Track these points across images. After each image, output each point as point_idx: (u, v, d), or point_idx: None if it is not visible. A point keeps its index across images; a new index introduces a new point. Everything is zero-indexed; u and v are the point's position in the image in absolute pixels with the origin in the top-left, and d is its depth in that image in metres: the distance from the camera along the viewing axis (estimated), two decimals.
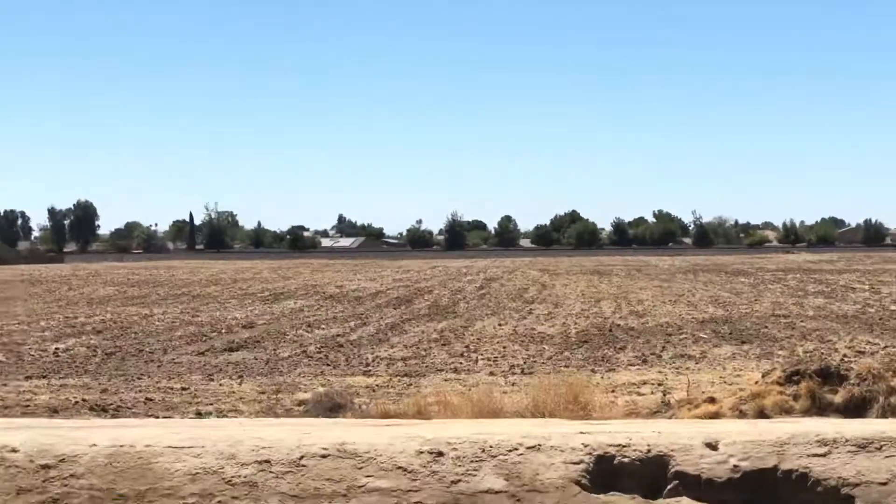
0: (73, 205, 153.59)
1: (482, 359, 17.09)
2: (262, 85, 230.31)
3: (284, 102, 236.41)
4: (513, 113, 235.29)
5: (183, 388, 14.06)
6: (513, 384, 13.95)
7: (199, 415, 11.58)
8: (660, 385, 13.34)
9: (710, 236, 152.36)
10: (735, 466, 3.51)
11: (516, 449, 3.53)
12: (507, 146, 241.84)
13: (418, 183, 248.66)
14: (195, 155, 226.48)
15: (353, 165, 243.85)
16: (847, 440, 3.54)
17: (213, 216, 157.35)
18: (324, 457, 3.51)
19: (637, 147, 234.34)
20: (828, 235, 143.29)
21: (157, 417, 11.04)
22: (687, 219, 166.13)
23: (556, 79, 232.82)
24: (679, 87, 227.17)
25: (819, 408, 9.53)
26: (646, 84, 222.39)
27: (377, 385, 14.15)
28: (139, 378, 15.19)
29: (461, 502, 3.34)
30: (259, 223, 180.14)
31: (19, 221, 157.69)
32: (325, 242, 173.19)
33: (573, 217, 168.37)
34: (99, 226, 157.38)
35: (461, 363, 16.62)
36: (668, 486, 3.51)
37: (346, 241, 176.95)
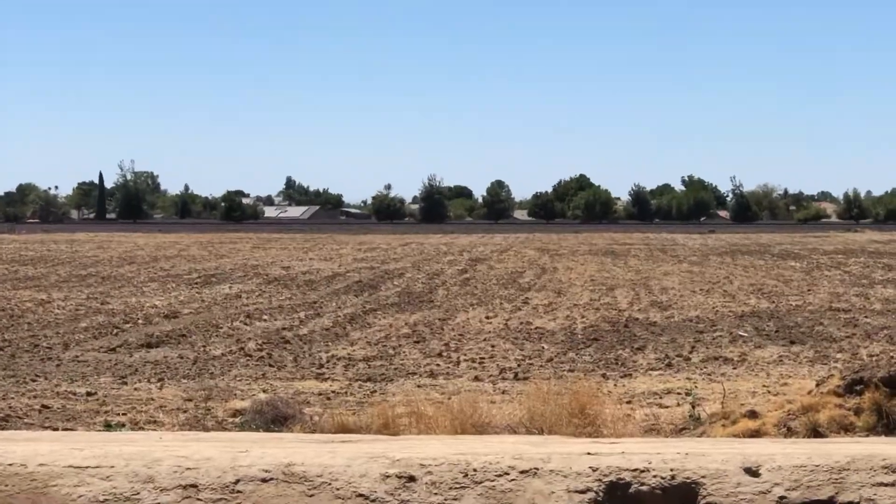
0: None
1: (465, 360, 17.23)
2: (192, 28, 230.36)
3: (218, 46, 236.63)
4: (504, 52, 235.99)
5: (88, 394, 14.23)
6: (503, 392, 14.14)
7: (108, 426, 11.68)
8: (688, 395, 13.37)
9: (752, 209, 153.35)
10: (781, 498, 3.52)
11: (507, 473, 3.52)
12: (497, 95, 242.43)
13: (386, 140, 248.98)
14: (108, 105, 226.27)
15: (303, 118, 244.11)
16: None
17: (128, 178, 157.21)
18: (265, 481, 3.48)
19: (662, 98, 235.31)
20: None
21: (56, 430, 11.21)
22: (724, 187, 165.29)
23: (558, 7, 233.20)
24: (715, 28, 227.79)
25: (887, 425, 9.67)
26: (674, 22, 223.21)
27: (333, 391, 14.37)
28: (33, 380, 15.36)
29: None
30: (186, 187, 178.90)
31: None
32: (270, 212, 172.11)
33: (581, 183, 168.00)
34: None
35: (439, 365, 16.73)
36: None
37: (295, 211, 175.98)
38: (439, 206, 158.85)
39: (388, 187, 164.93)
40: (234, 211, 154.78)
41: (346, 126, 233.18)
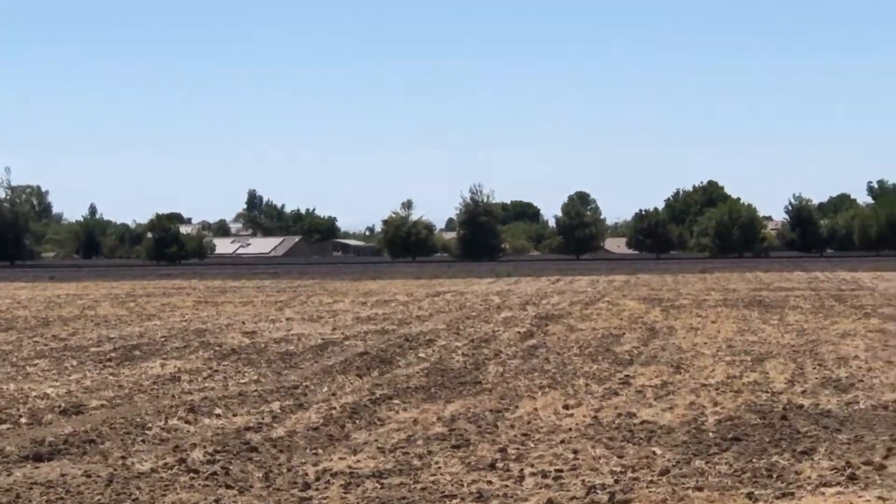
0: None
1: (533, 473, 15.38)
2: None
3: (139, 26, 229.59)
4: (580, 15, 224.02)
5: None
6: None
7: None
8: None
9: None
10: None
11: None
12: (571, 61, 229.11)
13: (403, 136, 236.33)
14: None
15: (273, 108, 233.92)
16: None
17: (5, 195, 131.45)
18: None
19: (830, 69, 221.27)
20: None
21: None
22: None
23: None
24: None
25: None
26: None
27: None
28: None
29: None
30: (93, 209, 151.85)
31: None
32: (224, 246, 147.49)
33: (710, 195, 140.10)
34: None
35: (492, 483, 14.90)
36: None
37: (263, 244, 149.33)
38: (489, 233, 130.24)
39: (409, 205, 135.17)
40: (168, 245, 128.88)
41: (340, 118, 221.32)
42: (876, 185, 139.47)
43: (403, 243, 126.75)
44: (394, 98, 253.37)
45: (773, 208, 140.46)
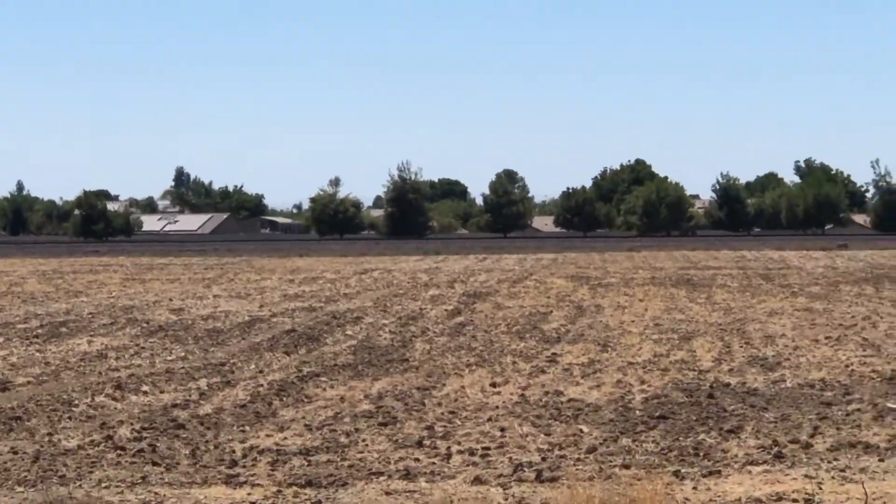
0: None
1: (460, 451, 15.56)
2: None
3: (67, 2, 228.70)
4: None
5: None
6: (520, 501, 12.90)
7: None
8: (808, 503, 12.35)
9: None
10: None
11: None
12: (500, 43, 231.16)
13: (332, 114, 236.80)
14: None
15: (200, 84, 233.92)
16: None
17: None
18: None
19: (764, 48, 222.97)
20: None
21: None
22: (861, 178, 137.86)
23: None
24: None
25: None
26: None
27: (253, 502, 13.10)
28: None
29: None
30: (20, 185, 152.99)
31: None
32: (151, 223, 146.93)
33: (638, 174, 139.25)
34: None
35: (419, 460, 15.11)
36: None
37: (190, 221, 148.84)
38: (416, 211, 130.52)
39: (336, 183, 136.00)
40: (95, 222, 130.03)
41: (268, 95, 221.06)
42: (803, 164, 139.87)
43: (331, 221, 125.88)
44: (321, 76, 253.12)
45: (700, 187, 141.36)
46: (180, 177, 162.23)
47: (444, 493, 13.28)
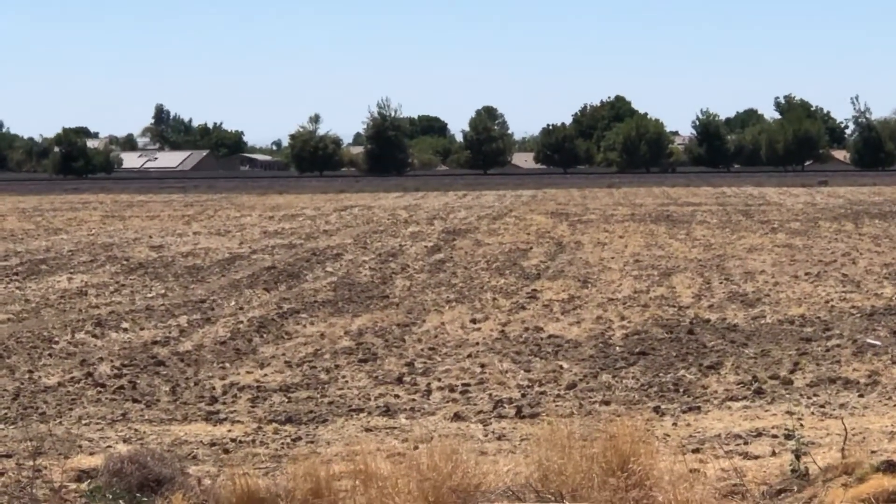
0: None
1: (440, 388, 15.63)
2: None
3: None
4: None
5: None
6: (500, 437, 12.96)
7: None
8: (788, 438, 11.78)
9: (886, 149, 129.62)
10: None
11: None
12: None
13: (311, 50, 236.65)
14: None
15: (182, 25, 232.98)
16: None
17: None
18: None
19: None
20: None
21: None
22: (841, 114, 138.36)
23: None
24: None
25: None
26: None
27: (233, 439, 13.05)
28: None
29: None
30: None
31: None
32: (131, 160, 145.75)
33: (618, 110, 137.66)
34: None
35: (398, 396, 15.16)
36: None
37: (170, 158, 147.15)
38: (396, 148, 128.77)
39: (316, 120, 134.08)
40: (75, 160, 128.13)
41: (248, 32, 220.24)
42: (783, 101, 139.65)
43: (310, 158, 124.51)
44: (301, 11, 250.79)
45: (680, 123, 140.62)
46: (160, 114, 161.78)
47: (424, 429, 13.25)
